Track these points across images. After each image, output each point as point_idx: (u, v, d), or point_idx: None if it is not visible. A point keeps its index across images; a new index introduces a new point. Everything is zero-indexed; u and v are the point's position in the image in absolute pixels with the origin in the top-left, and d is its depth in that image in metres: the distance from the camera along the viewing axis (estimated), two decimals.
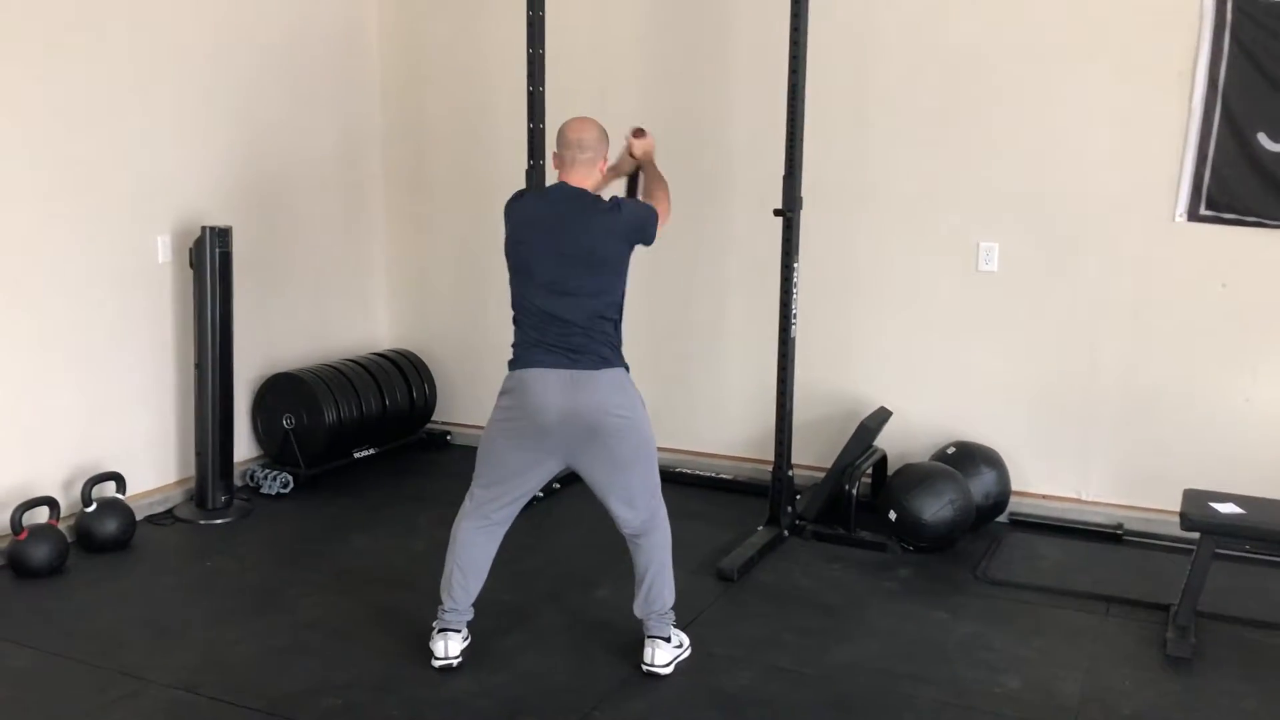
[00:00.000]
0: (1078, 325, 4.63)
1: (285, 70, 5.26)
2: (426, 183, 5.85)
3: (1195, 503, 3.65)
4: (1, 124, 4.07)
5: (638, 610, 3.39)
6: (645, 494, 3.33)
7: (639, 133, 3.59)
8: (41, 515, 4.15)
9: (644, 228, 3.29)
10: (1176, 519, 3.69)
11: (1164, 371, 4.52)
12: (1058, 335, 4.66)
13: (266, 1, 5.13)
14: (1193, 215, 4.39)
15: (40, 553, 4.01)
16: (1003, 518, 4.70)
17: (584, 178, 3.28)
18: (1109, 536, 4.56)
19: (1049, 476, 4.77)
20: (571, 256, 3.16)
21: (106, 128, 4.44)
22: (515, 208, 3.32)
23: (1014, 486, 4.68)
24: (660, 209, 3.41)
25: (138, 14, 4.52)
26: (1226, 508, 3.61)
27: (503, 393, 3.27)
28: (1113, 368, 4.59)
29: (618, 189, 3.63)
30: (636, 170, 3.67)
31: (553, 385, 3.15)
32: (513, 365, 3.24)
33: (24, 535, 4.01)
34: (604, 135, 3.33)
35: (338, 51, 5.58)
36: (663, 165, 3.76)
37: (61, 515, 4.22)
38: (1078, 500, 4.73)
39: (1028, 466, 4.76)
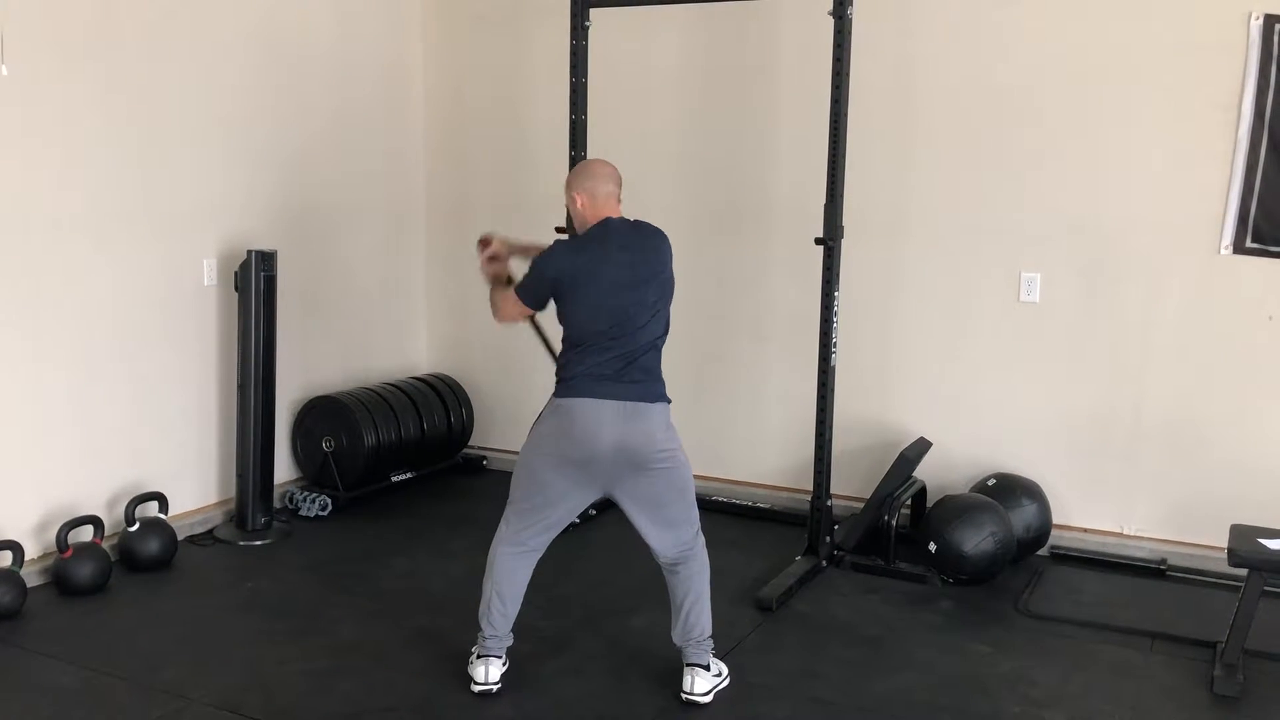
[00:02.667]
0: (1121, 357, 4.59)
1: (332, 99, 5.34)
2: (467, 210, 5.89)
3: (1243, 538, 3.60)
4: (55, 150, 4.15)
5: (676, 638, 3.38)
6: (684, 525, 3.33)
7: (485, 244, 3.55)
8: (86, 534, 4.21)
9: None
10: (1222, 554, 3.64)
11: (1210, 404, 4.47)
12: (1100, 367, 4.62)
13: (313, 31, 5.22)
14: (1238, 248, 4.35)
15: (84, 571, 4.06)
16: (1044, 551, 4.65)
17: (619, 210, 3.35)
18: (1152, 571, 4.49)
19: (1091, 510, 4.71)
20: (642, 283, 3.20)
21: (157, 154, 4.52)
22: (570, 247, 3.32)
23: (1055, 519, 4.64)
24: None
25: (189, 46, 4.60)
26: (1276, 544, 3.55)
27: (546, 418, 3.27)
28: (1157, 400, 4.55)
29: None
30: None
31: (606, 416, 3.16)
32: (563, 394, 3.24)
33: (69, 553, 4.06)
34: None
35: (382, 80, 5.66)
36: (702, 192, 3.80)
37: (105, 534, 4.27)
38: (1120, 534, 4.67)
39: (1069, 499, 4.71)
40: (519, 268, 3.49)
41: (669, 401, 3.28)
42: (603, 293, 3.18)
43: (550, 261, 3.28)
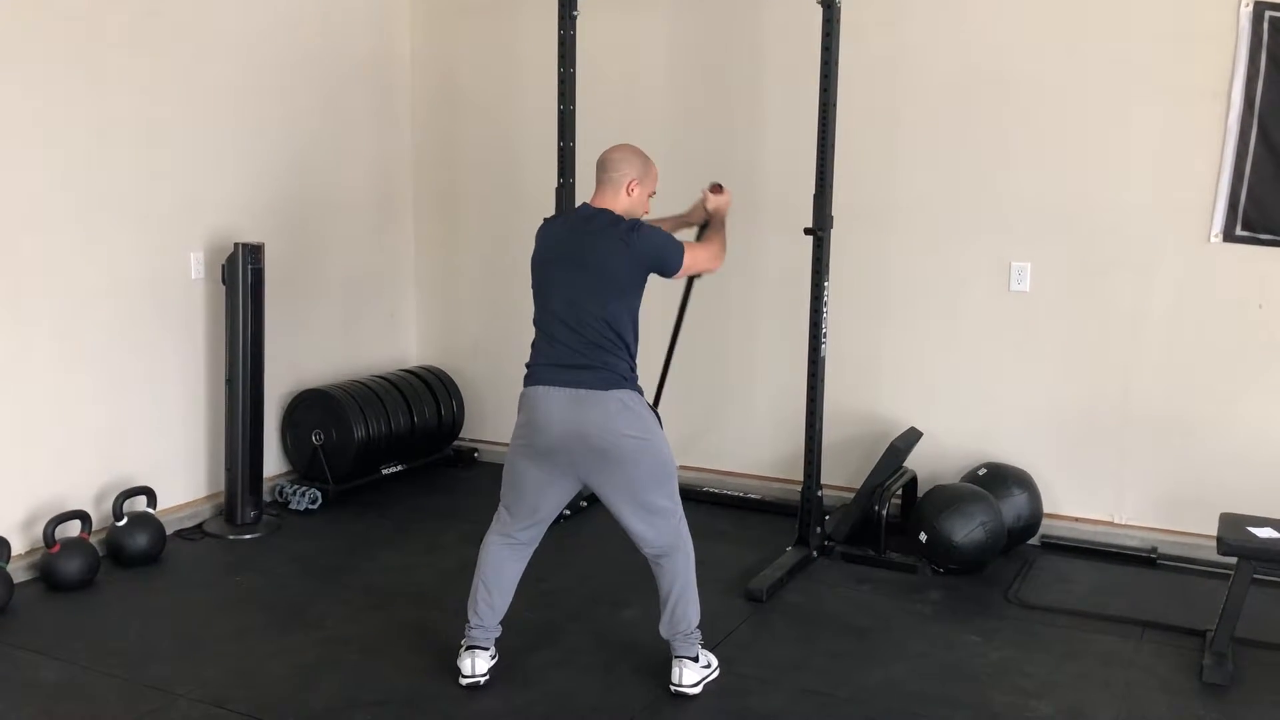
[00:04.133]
0: (1111, 346, 4.58)
1: (318, 90, 5.31)
2: (456, 201, 5.88)
3: (1233, 527, 3.60)
4: (38, 143, 4.12)
5: (663, 631, 3.37)
6: (664, 515, 3.29)
7: (716, 188, 3.60)
8: (73, 529, 4.19)
9: (662, 256, 3.25)
10: (1212, 543, 3.63)
11: (1200, 393, 4.47)
12: (1091, 356, 4.62)
13: (300, 23, 5.19)
14: (1229, 236, 4.35)
15: (72, 566, 4.04)
16: (1034, 540, 4.65)
17: (610, 199, 3.28)
18: (1143, 560, 4.50)
19: (1082, 499, 4.71)
20: (584, 274, 3.17)
21: (143, 148, 4.49)
22: (542, 229, 3.36)
23: (1046, 509, 4.64)
24: (700, 253, 3.40)
25: (175, 37, 4.58)
26: (1265, 532, 3.55)
27: (518, 411, 3.28)
28: (1147, 389, 4.54)
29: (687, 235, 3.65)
30: (705, 223, 3.69)
31: (556, 403, 3.15)
32: (527, 381, 3.25)
33: (56, 549, 4.04)
34: (643, 161, 3.33)
35: (370, 72, 5.63)
36: (691, 183, 3.75)
37: (93, 529, 4.25)
38: (1111, 523, 4.67)
39: (1060, 489, 4.71)
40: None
41: (631, 388, 3.20)
42: (553, 278, 3.21)
43: (538, 233, 3.34)
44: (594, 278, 3.17)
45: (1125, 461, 4.62)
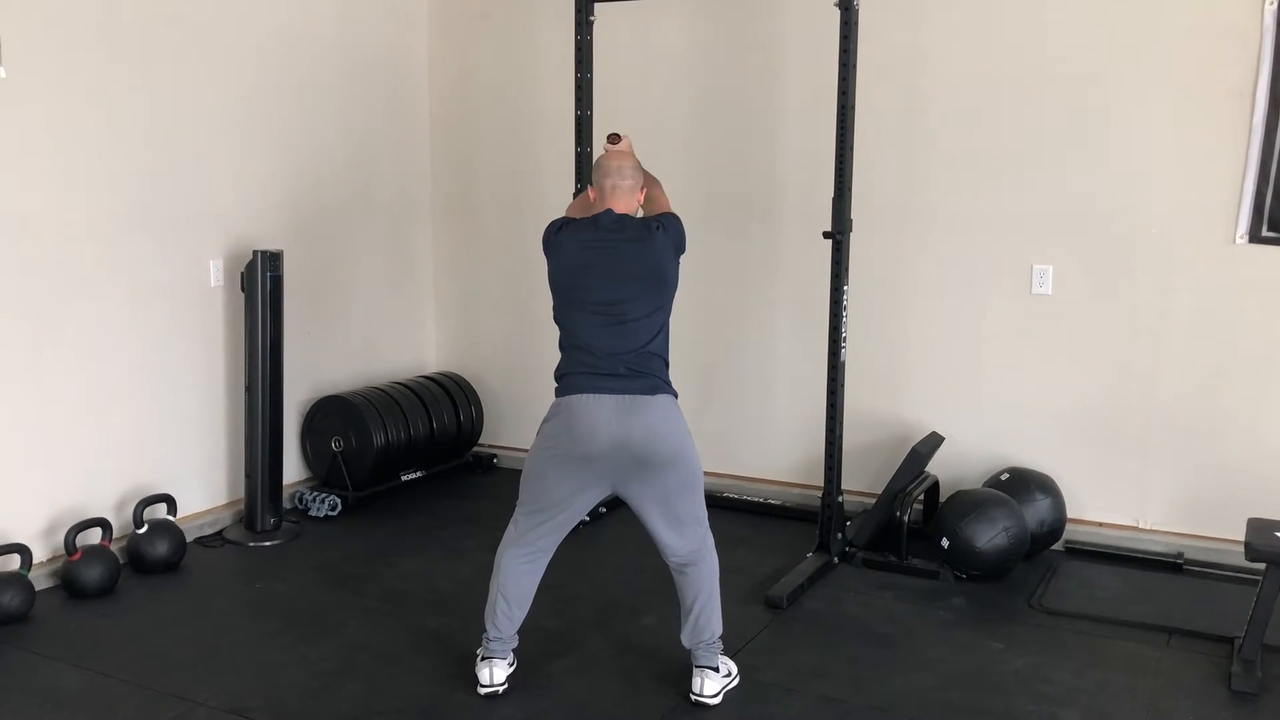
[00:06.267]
0: (1135, 349, 4.53)
1: (336, 97, 5.32)
2: (474, 207, 5.88)
3: (1261, 532, 3.54)
4: (58, 152, 4.15)
5: (685, 640, 3.35)
6: (694, 524, 3.29)
7: (614, 138, 3.47)
8: (94, 536, 4.20)
9: (682, 236, 3.32)
10: (1240, 548, 3.58)
11: (1226, 397, 4.41)
12: (1114, 359, 4.57)
13: (319, 31, 5.20)
14: (1254, 237, 4.29)
15: (92, 574, 4.05)
16: (1058, 546, 4.60)
17: (627, 205, 3.29)
18: (1169, 566, 4.44)
19: (1106, 504, 4.66)
20: (630, 280, 3.17)
21: (162, 155, 4.51)
22: (563, 238, 3.27)
23: (1070, 514, 4.59)
24: (670, 208, 3.41)
25: (193, 46, 4.59)
26: None
27: (548, 419, 3.24)
28: (1172, 392, 4.49)
29: None
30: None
31: (604, 411, 3.12)
32: (561, 391, 3.21)
33: (77, 556, 4.05)
34: (639, 165, 3.35)
35: (388, 80, 5.64)
36: (708, 187, 3.76)
37: (114, 537, 4.26)
38: (1136, 528, 4.62)
39: (1084, 493, 4.66)
40: None
41: (672, 393, 3.24)
42: (591, 286, 3.17)
43: (551, 242, 3.26)
44: (642, 283, 3.18)
45: (1150, 465, 4.57)
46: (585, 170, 4.72)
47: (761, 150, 5.12)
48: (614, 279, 3.16)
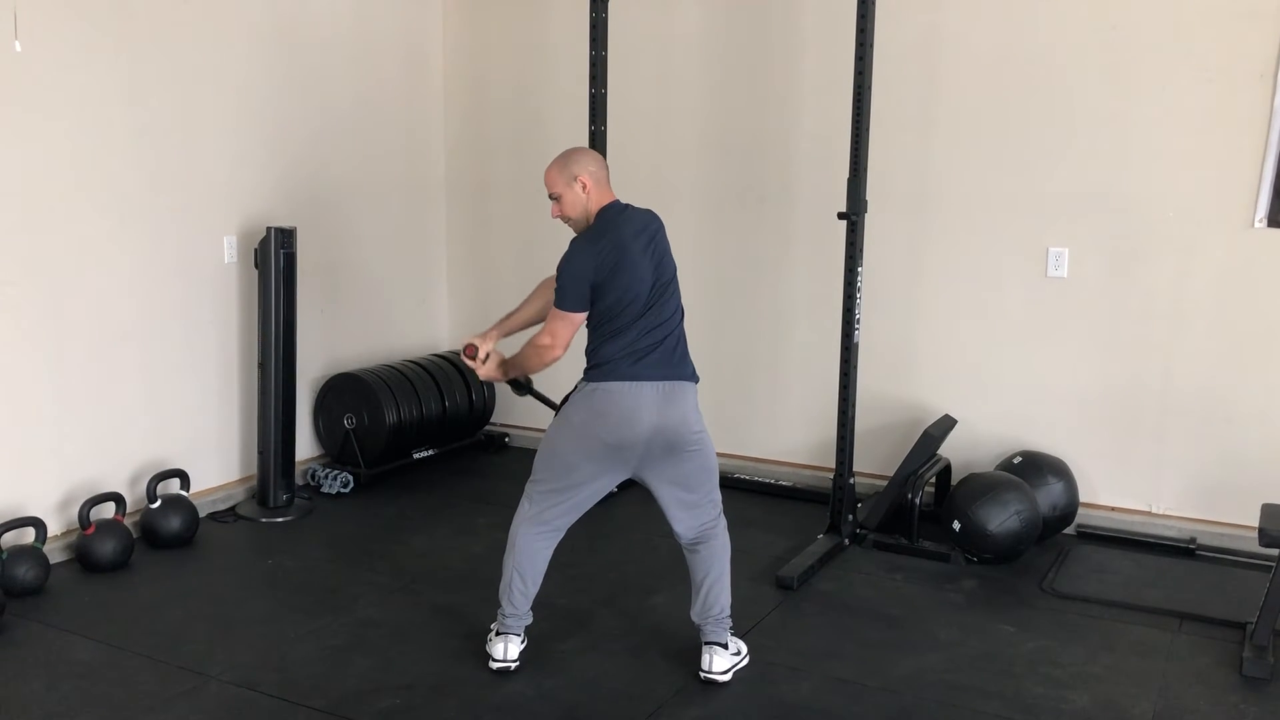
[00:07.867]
0: (1151, 333, 4.50)
1: (351, 76, 5.31)
2: (488, 186, 5.87)
3: (1274, 517, 3.53)
4: (73, 128, 4.15)
5: (695, 615, 3.36)
6: (709, 505, 3.33)
7: (470, 350, 3.41)
8: (108, 511, 4.22)
9: None
10: (1253, 534, 3.58)
11: (1240, 381, 4.38)
12: (1129, 343, 4.54)
13: (333, 10, 5.19)
14: (1273, 221, 4.25)
15: (106, 548, 4.07)
16: (1070, 530, 4.58)
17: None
18: (1181, 551, 4.42)
19: (1118, 488, 4.64)
20: (664, 270, 3.24)
21: (177, 132, 4.51)
22: (595, 242, 3.19)
23: (1082, 498, 4.57)
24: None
25: (209, 24, 4.58)
26: None
27: (579, 402, 3.23)
28: (1187, 377, 4.46)
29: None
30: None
31: (646, 399, 3.15)
32: (605, 377, 3.17)
33: (91, 530, 4.08)
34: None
35: (402, 58, 5.63)
36: (724, 167, 3.71)
37: (127, 511, 4.29)
38: (1149, 513, 4.60)
39: (1096, 478, 4.65)
40: (509, 344, 3.41)
41: (698, 380, 3.29)
42: (638, 276, 3.16)
43: (583, 264, 3.17)
44: (671, 272, 3.26)
45: (1163, 450, 4.55)
46: (600, 148, 4.70)
47: (776, 130, 5.09)
48: (652, 267, 3.20)
